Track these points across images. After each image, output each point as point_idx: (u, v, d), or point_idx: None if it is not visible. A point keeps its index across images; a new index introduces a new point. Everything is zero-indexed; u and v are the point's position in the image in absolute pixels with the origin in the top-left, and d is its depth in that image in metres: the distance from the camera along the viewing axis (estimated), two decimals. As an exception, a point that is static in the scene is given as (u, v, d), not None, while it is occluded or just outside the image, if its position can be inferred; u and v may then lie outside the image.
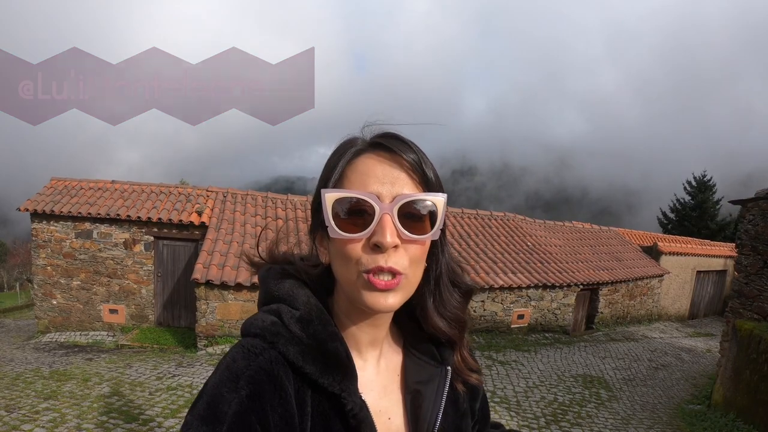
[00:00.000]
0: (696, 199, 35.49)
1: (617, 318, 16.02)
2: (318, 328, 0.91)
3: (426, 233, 0.89)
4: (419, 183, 0.90)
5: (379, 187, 0.86)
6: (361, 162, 0.90)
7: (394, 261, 0.85)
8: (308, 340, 0.89)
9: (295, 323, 0.90)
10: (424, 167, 0.91)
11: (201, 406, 0.80)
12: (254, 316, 0.95)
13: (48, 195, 12.52)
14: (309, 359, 0.87)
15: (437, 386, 1.05)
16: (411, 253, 0.88)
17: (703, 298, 20.54)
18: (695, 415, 7.98)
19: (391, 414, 1.02)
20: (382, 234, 0.83)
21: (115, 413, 6.56)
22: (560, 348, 12.01)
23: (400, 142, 0.91)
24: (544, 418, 7.37)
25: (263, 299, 1.00)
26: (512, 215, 17.27)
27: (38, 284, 12.40)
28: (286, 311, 0.92)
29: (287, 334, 0.89)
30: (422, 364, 1.07)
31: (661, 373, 10.64)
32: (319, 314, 0.93)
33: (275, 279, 0.99)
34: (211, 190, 13.52)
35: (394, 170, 0.88)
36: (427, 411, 1.02)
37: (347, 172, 0.90)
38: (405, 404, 1.04)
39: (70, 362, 9.31)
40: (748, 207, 8.83)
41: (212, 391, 0.81)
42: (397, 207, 0.85)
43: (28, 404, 6.78)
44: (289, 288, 0.96)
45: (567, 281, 13.52)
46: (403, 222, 0.86)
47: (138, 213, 12.11)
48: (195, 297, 10.11)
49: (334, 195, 0.86)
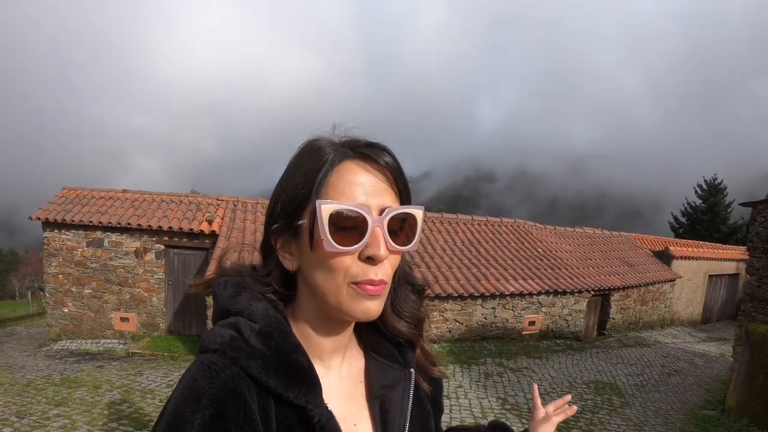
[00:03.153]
0: (707, 203, 35.16)
1: (629, 323, 15.91)
2: (279, 340, 0.89)
3: (408, 244, 0.91)
4: (398, 194, 0.92)
5: (367, 198, 0.86)
6: (347, 170, 0.88)
7: (383, 273, 0.87)
8: (270, 354, 0.87)
9: (255, 337, 0.88)
10: (404, 177, 0.92)
11: (161, 428, 0.77)
12: (212, 331, 0.92)
13: (59, 204, 12.61)
14: (272, 373, 0.85)
15: (402, 390, 1.04)
16: (392, 263, 0.90)
17: (715, 302, 20.37)
18: (709, 420, 7.91)
19: (357, 420, 1.01)
20: (376, 247, 0.84)
21: (125, 420, 6.63)
22: (572, 354, 11.94)
23: (382, 151, 0.90)
24: (556, 425, 7.31)
25: (219, 313, 0.97)
26: (522, 221, 17.22)
27: (50, 292, 12.49)
28: (244, 324, 0.89)
29: (248, 348, 0.86)
30: (385, 367, 1.06)
31: (674, 378, 10.55)
32: (279, 326, 0.91)
33: (230, 291, 0.96)
34: (221, 199, 13.59)
35: (380, 181, 0.89)
36: (395, 416, 1.02)
37: (332, 180, 0.88)
38: (371, 410, 1.04)
39: (80, 369, 9.38)
40: (759, 209, 8.77)
41: (173, 412, 0.78)
42: (387, 219, 0.86)
43: (39, 410, 6.86)
44: (245, 301, 0.93)
45: (578, 287, 13.45)
46: (389, 234, 0.86)
47: (149, 222, 12.19)
48: (205, 305, 10.12)
49: (331, 207, 0.83)
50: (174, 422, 0.77)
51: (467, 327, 12.12)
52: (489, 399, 8.32)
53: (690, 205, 36.21)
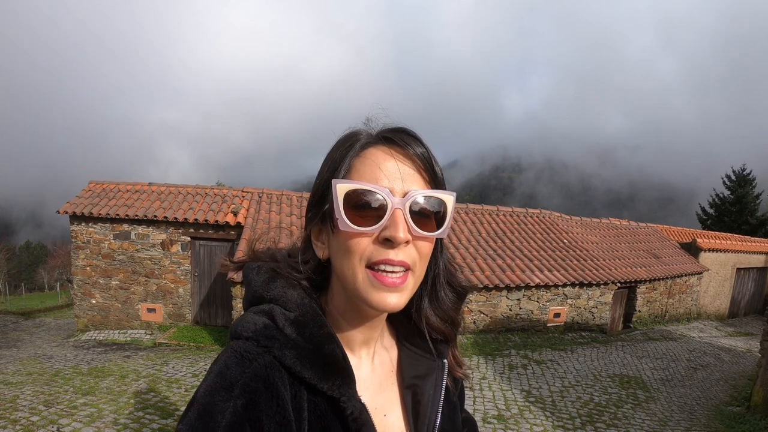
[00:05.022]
0: (735, 194, 34.68)
1: (655, 316, 15.76)
2: (314, 330, 0.88)
3: (435, 230, 0.87)
4: (428, 180, 0.89)
5: (391, 181, 0.85)
6: (371, 155, 0.88)
7: (404, 255, 0.84)
8: (304, 344, 0.86)
9: (290, 326, 0.88)
10: (433, 165, 0.90)
11: (192, 415, 0.77)
12: (244, 318, 0.91)
13: (86, 198, 12.82)
14: (306, 364, 0.85)
15: (435, 380, 1.04)
16: (420, 250, 0.87)
17: (743, 296, 20.10)
18: (734, 417, 7.81)
19: (387, 411, 1.01)
20: (394, 228, 0.82)
21: (151, 409, 6.71)
22: (597, 347, 11.85)
23: (411, 138, 0.89)
24: (580, 418, 7.28)
25: (251, 299, 0.97)
26: (548, 212, 17.12)
27: (77, 284, 12.69)
28: (279, 313, 0.89)
29: (282, 337, 0.86)
30: (418, 357, 1.06)
31: (699, 373, 10.43)
32: (314, 316, 0.90)
33: (264, 278, 0.96)
34: (246, 191, 13.67)
35: (405, 166, 0.87)
36: (427, 406, 1.02)
37: (356, 164, 0.88)
38: (403, 400, 1.04)
39: (108, 359, 9.53)
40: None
41: (204, 400, 0.78)
42: (409, 203, 0.84)
43: (67, 399, 6.97)
44: (280, 288, 0.93)
45: (604, 279, 13.32)
46: (414, 218, 0.84)
47: (175, 214, 12.33)
48: (231, 296, 10.20)
49: (346, 186, 0.83)
50: (205, 409, 0.77)
51: (492, 318, 12.08)
52: (513, 391, 8.28)
53: (718, 197, 35.71)
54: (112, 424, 6.15)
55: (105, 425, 6.12)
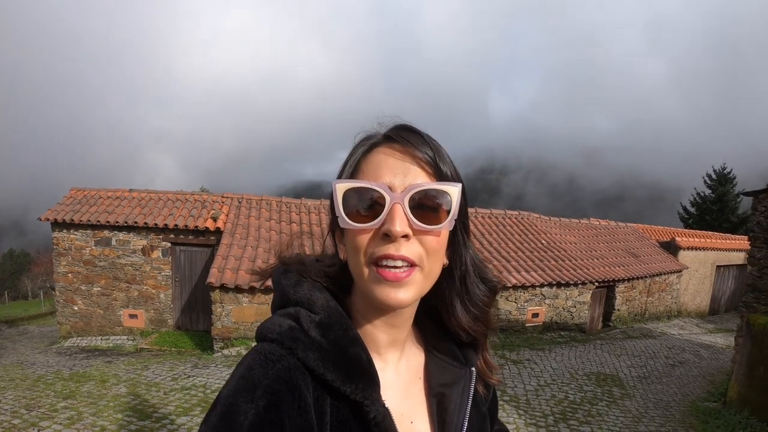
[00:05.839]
0: (716, 193, 35.05)
1: (635, 315, 15.94)
2: (339, 333, 0.88)
3: (439, 223, 0.86)
4: (433, 176, 0.88)
5: (392, 178, 0.85)
6: (375, 155, 0.89)
7: (406, 250, 0.83)
8: (329, 346, 0.86)
9: (315, 328, 0.87)
10: (438, 160, 0.89)
11: (215, 416, 0.77)
12: (270, 320, 0.91)
13: (68, 205, 12.83)
14: (330, 366, 0.84)
15: (462, 389, 1.03)
16: (426, 245, 0.86)
17: (723, 293, 20.36)
18: (709, 412, 7.86)
19: (414, 417, 0.99)
20: (391, 222, 0.81)
21: (130, 411, 6.81)
22: (575, 346, 11.99)
23: (415, 135, 0.89)
24: (553, 416, 7.36)
25: (279, 302, 0.97)
26: (527, 213, 17.24)
27: (60, 291, 12.69)
28: (304, 315, 0.89)
29: (306, 339, 0.86)
30: (445, 365, 1.05)
31: (677, 370, 10.54)
32: (339, 318, 0.90)
33: (291, 281, 0.96)
34: (226, 196, 13.74)
35: (407, 162, 0.87)
36: (453, 415, 1.00)
37: (361, 165, 0.90)
38: (429, 407, 1.02)
39: (89, 365, 9.59)
40: (760, 198, 8.64)
41: (227, 401, 0.78)
42: (408, 196, 0.83)
43: (48, 403, 7.10)
44: (307, 291, 0.93)
45: (582, 279, 13.48)
46: (416, 212, 0.83)
47: (155, 220, 12.37)
48: (211, 301, 10.28)
49: (344, 185, 0.85)
50: (228, 410, 0.77)
51: (470, 319, 12.09)
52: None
53: (699, 195, 36.08)
54: (91, 426, 6.27)
55: (84, 427, 6.24)
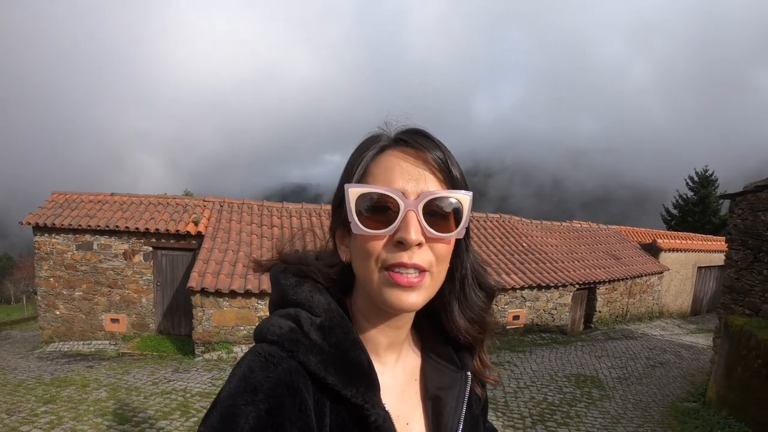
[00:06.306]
0: (698, 195, 35.41)
1: (616, 316, 16.05)
2: (340, 336, 0.88)
3: (451, 231, 0.86)
4: (444, 181, 0.88)
5: (404, 183, 0.84)
6: (386, 158, 0.88)
7: (419, 258, 0.83)
8: (330, 350, 0.86)
9: (316, 331, 0.87)
10: (450, 165, 0.89)
11: (215, 418, 0.76)
12: (270, 321, 0.90)
13: (49, 209, 12.76)
14: (331, 369, 0.84)
15: (458, 393, 1.03)
16: (436, 252, 0.86)
17: (705, 294, 20.52)
18: (688, 413, 7.93)
19: (410, 419, 0.99)
20: (406, 230, 0.81)
21: (110, 416, 6.84)
22: (556, 348, 12.08)
23: (427, 139, 0.89)
24: (531, 418, 7.43)
25: (278, 302, 0.96)
26: (508, 216, 17.35)
27: (41, 295, 12.62)
28: (305, 317, 0.88)
29: (307, 342, 0.85)
30: (442, 369, 1.05)
31: (658, 371, 10.64)
32: (341, 321, 0.90)
33: (292, 281, 0.96)
34: (207, 200, 13.74)
35: (419, 167, 0.86)
36: (448, 418, 1.00)
37: (371, 168, 0.88)
38: (425, 410, 1.02)
39: (71, 370, 9.56)
40: (736, 201, 8.78)
41: (227, 402, 0.77)
42: (422, 204, 0.83)
43: (28, 408, 7.11)
44: (308, 292, 0.92)
45: (562, 281, 13.58)
46: (428, 220, 0.83)
47: (137, 224, 12.34)
48: (192, 305, 10.27)
49: (358, 190, 0.84)
50: (228, 413, 0.76)
51: (450, 322, 12.13)
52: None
53: (681, 197, 36.45)
54: (71, 431, 6.30)
55: (64, 431, 6.26)
